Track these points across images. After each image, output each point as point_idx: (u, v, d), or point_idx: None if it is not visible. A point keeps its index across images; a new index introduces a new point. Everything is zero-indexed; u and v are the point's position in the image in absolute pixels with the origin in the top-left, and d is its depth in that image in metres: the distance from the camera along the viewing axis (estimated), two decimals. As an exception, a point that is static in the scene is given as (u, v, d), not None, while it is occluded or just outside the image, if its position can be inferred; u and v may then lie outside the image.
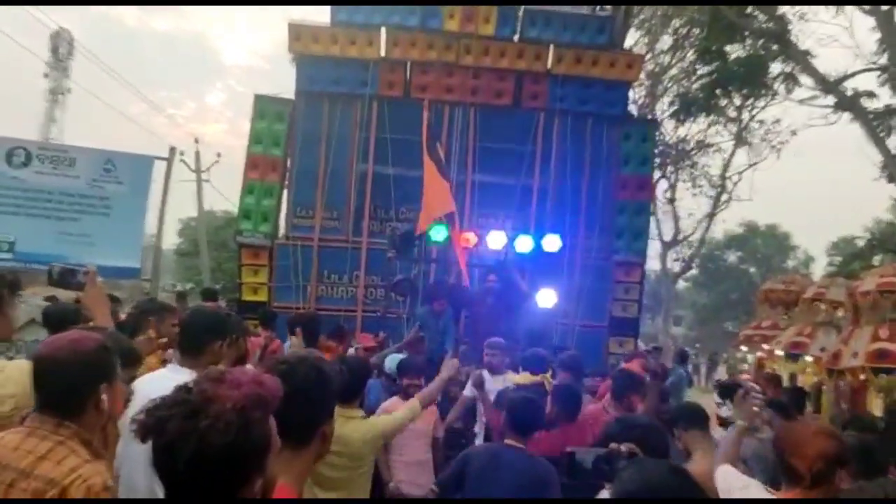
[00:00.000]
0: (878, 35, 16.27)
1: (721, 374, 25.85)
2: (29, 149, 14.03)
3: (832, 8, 17.06)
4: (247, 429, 1.30)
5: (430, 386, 4.33)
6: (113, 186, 14.11)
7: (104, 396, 2.06)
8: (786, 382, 8.48)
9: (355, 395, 3.94)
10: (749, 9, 17.85)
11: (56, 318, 4.16)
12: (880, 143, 16.40)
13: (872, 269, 7.85)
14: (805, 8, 18.33)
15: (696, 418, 3.87)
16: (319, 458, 1.96)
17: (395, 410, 4.25)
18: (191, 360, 2.96)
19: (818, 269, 39.34)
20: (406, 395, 4.69)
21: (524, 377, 5.49)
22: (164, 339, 3.76)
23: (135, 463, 2.84)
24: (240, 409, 1.29)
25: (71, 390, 2.01)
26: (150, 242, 18.39)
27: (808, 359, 8.17)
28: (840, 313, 7.85)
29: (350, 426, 3.62)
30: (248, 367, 3.45)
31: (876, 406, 6.75)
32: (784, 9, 18.34)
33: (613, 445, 2.60)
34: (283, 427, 1.81)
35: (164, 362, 3.79)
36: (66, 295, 5.75)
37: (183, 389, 1.33)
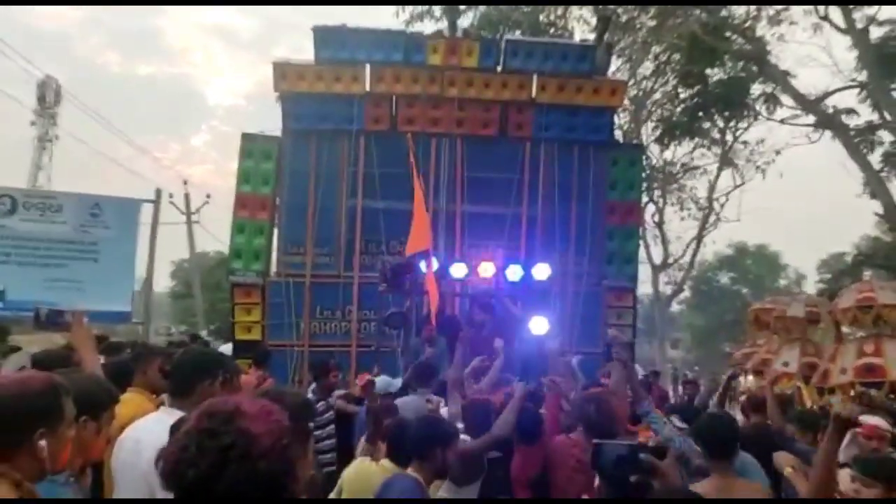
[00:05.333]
0: (855, 52, 16.55)
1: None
2: (14, 196, 14.03)
3: (809, 28, 17.34)
4: None
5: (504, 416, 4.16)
6: (100, 231, 14.06)
7: (42, 443, 1.85)
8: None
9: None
10: (727, 32, 18.16)
11: (44, 365, 4.09)
12: (862, 160, 16.55)
13: (850, 286, 7.89)
14: (783, 28, 18.67)
15: None
16: None
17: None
18: (181, 400, 2.92)
19: (809, 287, 39.50)
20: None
21: None
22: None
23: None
24: None
25: (2, 429, 1.85)
26: (142, 285, 18.32)
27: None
28: (819, 328, 8.01)
29: None
30: None
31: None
32: (762, 31, 18.67)
33: (641, 438, 2.65)
34: None
35: (160, 405, 3.73)
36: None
37: None
